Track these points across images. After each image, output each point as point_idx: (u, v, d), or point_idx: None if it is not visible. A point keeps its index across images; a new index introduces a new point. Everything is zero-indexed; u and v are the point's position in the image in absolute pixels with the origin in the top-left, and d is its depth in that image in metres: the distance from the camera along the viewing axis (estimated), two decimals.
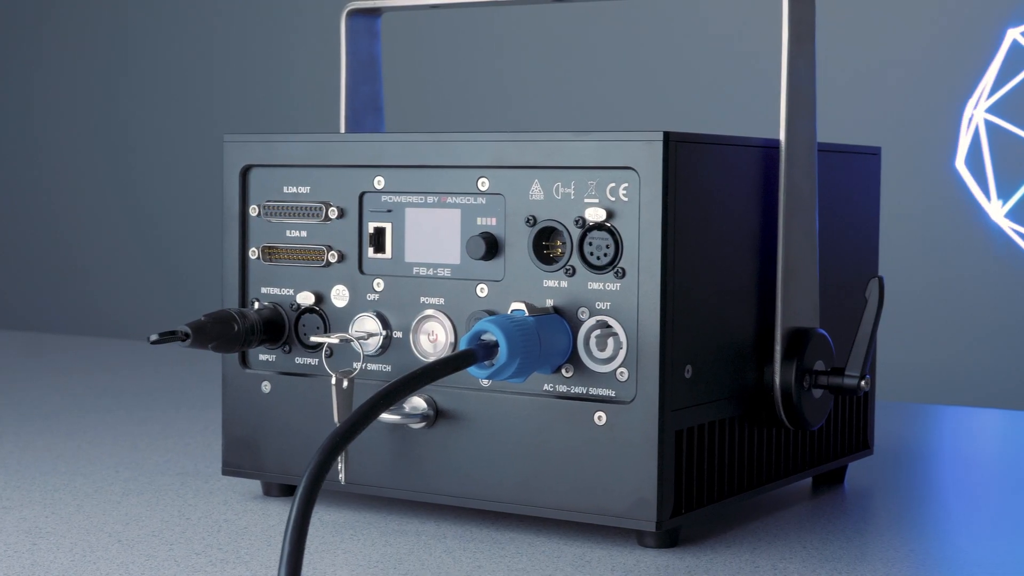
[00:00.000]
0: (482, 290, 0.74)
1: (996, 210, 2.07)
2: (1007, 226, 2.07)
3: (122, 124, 2.70)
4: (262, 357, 0.80)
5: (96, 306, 2.71)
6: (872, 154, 0.87)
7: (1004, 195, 2.06)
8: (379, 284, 0.77)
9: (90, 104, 2.72)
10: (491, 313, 0.74)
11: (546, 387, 0.72)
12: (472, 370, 0.69)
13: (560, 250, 0.72)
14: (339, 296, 0.78)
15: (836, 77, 2.11)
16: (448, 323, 0.75)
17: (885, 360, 2.01)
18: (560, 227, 0.72)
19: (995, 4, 2.08)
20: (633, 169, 0.70)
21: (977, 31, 2.09)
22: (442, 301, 0.75)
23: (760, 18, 2.18)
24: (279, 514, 0.78)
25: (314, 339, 0.77)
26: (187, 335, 0.75)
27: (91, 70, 2.71)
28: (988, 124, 2.05)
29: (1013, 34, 2.06)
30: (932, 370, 2.13)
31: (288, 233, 0.79)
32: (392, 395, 0.65)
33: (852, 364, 0.77)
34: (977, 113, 2.03)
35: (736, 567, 0.68)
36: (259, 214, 0.80)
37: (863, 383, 0.76)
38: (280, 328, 0.79)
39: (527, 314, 0.71)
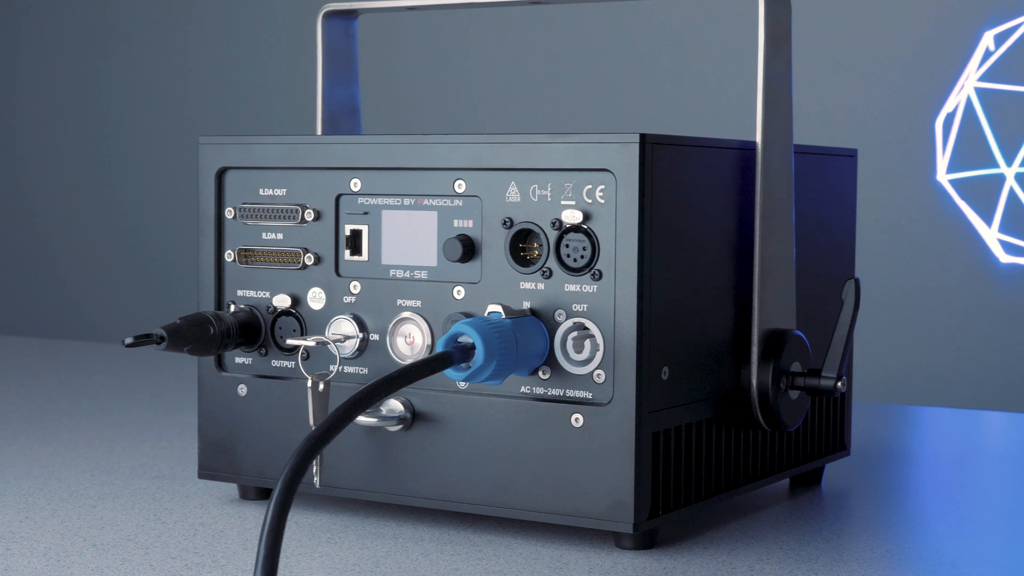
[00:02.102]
0: (459, 292, 0.74)
1: (970, 210, 2.07)
2: (981, 226, 2.07)
3: (98, 126, 2.69)
4: (238, 360, 0.80)
5: (71, 309, 2.70)
6: (848, 156, 0.87)
7: (980, 203, 2.07)
8: (356, 286, 0.77)
9: (66, 106, 2.71)
10: (468, 315, 0.74)
11: (523, 389, 0.72)
12: (449, 372, 0.69)
13: (537, 252, 0.72)
14: (315, 299, 0.78)
15: (813, 79, 2.12)
16: (425, 325, 0.75)
17: (861, 361, 2.01)
18: (537, 229, 0.72)
19: (971, 6, 2.09)
20: (609, 171, 0.70)
21: (953, 33, 2.10)
22: (419, 303, 0.75)
23: (737, 20, 2.18)
24: (255, 517, 0.77)
25: (290, 342, 0.77)
26: (162, 338, 0.74)
27: (68, 72, 2.71)
28: (969, 105, 2.05)
29: (987, 40, 2.07)
30: (909, 371, 2.14)
31: (264, 235, 0.79)
32: (368, 398, 0.65)
33: (828, 365, 0.77)
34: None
35: (713, 568, 0.68)
36: (235, 216, 0.80)
37: (839, 384, 0.76)
38: (256, 331, 0.79)
39: (504, 316, 0.71)
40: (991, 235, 2.08)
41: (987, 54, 2.06)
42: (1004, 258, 2.07)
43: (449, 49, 2.44)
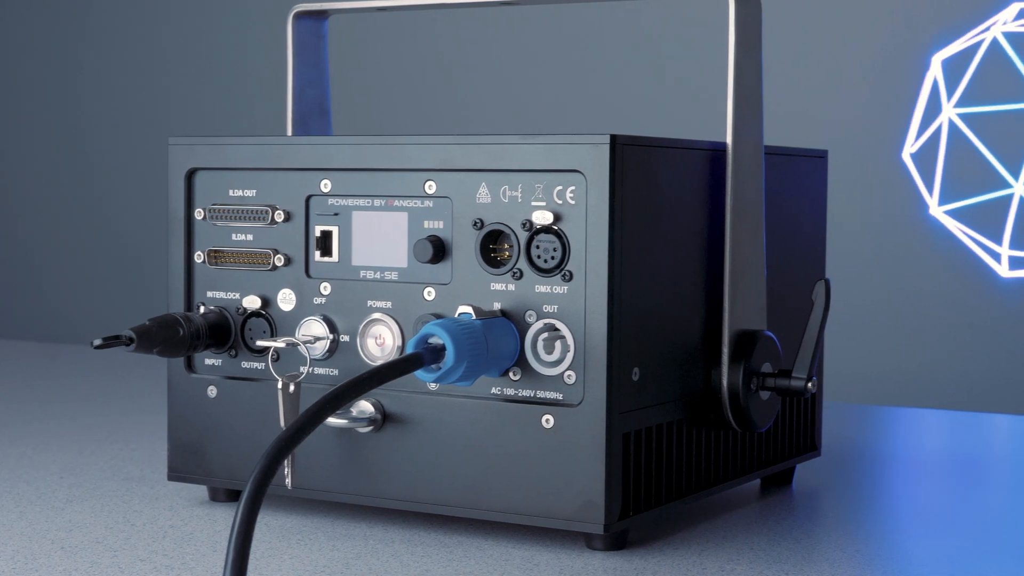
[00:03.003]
0: (429, 293, 0.74)
1: (941, 212, 2.08)
2: (953, 226, 2.08)
3: (69, 127, 2.68)
4: (208, 361, 0.80)
5: (40, 310, 2.69)
6: (819, 157, 0.87)
7: (948, 197, 2.07)
8: (326, 288, 0.77)
9: (37, 106, 2.70)
10: (438, 316, 0.73)
11: (494, 390, 0.72)
12: (419, 373, 0.69)
13: (507, 253, 0.72)
14: (286, 300, 0.78)
15: (783, 80, 2.12)
16: (395, 327, 0.75)
17: (832, 362, 2.02)
18: (507, 230, 0.72)
19: (949, 6, 2.10)
20: (580, 172, 0.70)
21: (929, 33, 2.10)
22: (389, 305, 0.75)
23: (707, 21, 2.19)
24: (225, 519, 0.77)
25: (260, 343, 0.76)
26: (131, 339, 0.74)
27: (40, 72, 2.69)
28: (952, 126, 2.06)
29: (940, 57, 2.08)
30: (879, 372, 2.15)
31: (234, 237, 0.79)
32: (339, 399, 0.64)
33: (799, 366, 0.77)
34: (946, 111, 2.04)
35: (684, 569, 0.68)
36: (205, 217, 0.80)
37: (810, 385, 0.77)
38: (226, 332, 0.79)
39: (474, 317, 0.70)
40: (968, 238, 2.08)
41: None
42: (1006, 273, 2.07)
43: (420, 50, 2.44)
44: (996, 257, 2.08)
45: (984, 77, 2.06)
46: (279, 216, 0.77)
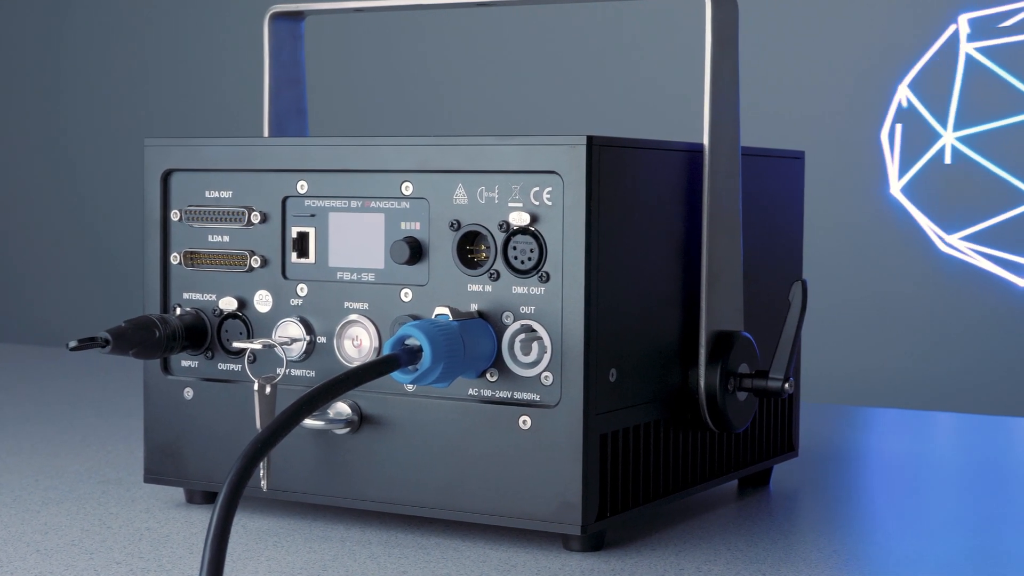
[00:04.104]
0: (406, 295, 0.74)
1: (914, 211, 2.09)
2: (928, 227, 2.09)
3: (44, 127, 2.67)
4: (184, 363, 0.79)
5: (16, 312, 2.68)
6: (796, 158, 0.87)
7: (917, 193, 2.08)
8: (303, 289, 0.76)
9: (13, 106, 2.69)
10: (415, 318, 0.73)
11: (471, 392, 0.72)
12: (396, 375, 0.69)
13: (484, 254, 0.72)
14: (262, 301, 0.77)
15: (760, 81, 2.13)
16: (372, 328, 0.74)
17: (809, 362, 2.02)
18: (484, 231, 0.72)
19: (926, 7, 2.10)
20: (557, 173, 0.70)
21: (903, 37, 2.11)
22: (366, 306, 0.75)
23: (684, 22, 2.19)
24: (202, 522, 0.77)
25: (237, 345, 0.76)
26: (107, 341, 0.74)
27: (17, 73, 2.69)
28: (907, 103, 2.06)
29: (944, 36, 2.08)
30: (856, 372, 2.15)
31: (210, 238, 0.79)
32: (315, 400, 0.64)
33: (776, 367, 0.77)
34: (901, 90, 2.05)
35: (661, 570, 0.68)
36: (181, 219, 0.79)
37: (787, 385, 0.77)
38: (202, 334, 0.78)
39: (451, 319, 0.70)
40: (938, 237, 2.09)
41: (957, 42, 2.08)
42: (943, 248, 2.08)
43: (397, 51, 2.44)
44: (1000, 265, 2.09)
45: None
46: (255, 217, 0.77)
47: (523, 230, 0.71)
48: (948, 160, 2.03)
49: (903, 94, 2.05)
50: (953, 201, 2.07)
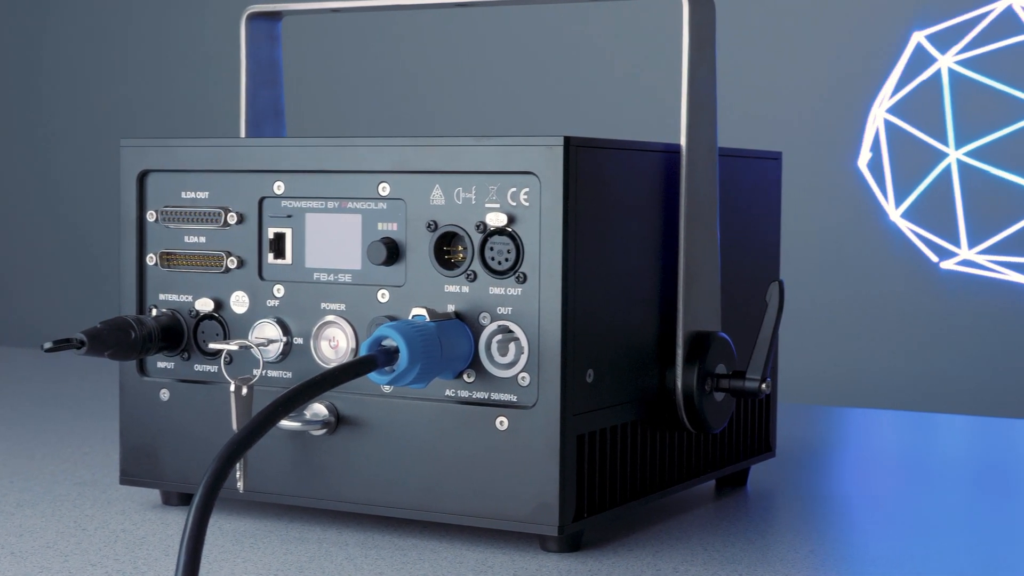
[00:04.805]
0: (383, 296, 0.74)
1: (894, 212, 2.09)
2: (905, 227, 2.09)
3: (20, 128, 2.66)
4: (160, 364, 0.79)
5: None
6: (773, 159, 0.87)
7: (902, 197, 2.09)
8: (279, 290, 0.76)
9: None
10: (392, 319, 0.73)
11: (448, 392, 0.72)
12: (373, 376, 0.69)
13: (461, 255, 0.72)
14: (239, 302, 0.77)
15: (737, 82, 2.13)
16: (349, 329, 0.74)
17: (786, 363, 2.03)
18: (461, 232, 0.72)
19: (897, 9, 2.11)
20: (534, 174, 0.70)
21: (879, 36, 2.12)
22: (343, 307, 0.75)
23: (661, 23, 2.19)
24: (178, 523, 0.77)
25: (213, 346, 0.76)
26: (82, 343, 0.73)
27: None
28: (888, 124, 2.07)
29: (918, 36, 2.09)
30: (834, 373, 2.16)
31: (186, 239, 0.79)
32: (291, 402, 0.64)
33: (753, 367, 0.77)
34: (879, 113, 2.06)
35: (638, 570, 0.68)
36: (157, 220, 0.79)
37: (764, 386, 0.77)
38: (179, 335, 0.78)
39: (428, 319, 0.70)
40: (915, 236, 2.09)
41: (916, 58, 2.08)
42: (899, 237, 2.07)
43: (374, 52, 2.43)
44: (949, 256, 2.09)
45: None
46: (232, 218, 0.77)
47: (500, 231, 0.71)
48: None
49: (879, 117, 2.05)
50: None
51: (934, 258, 2.07)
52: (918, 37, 2.07)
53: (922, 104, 2.07)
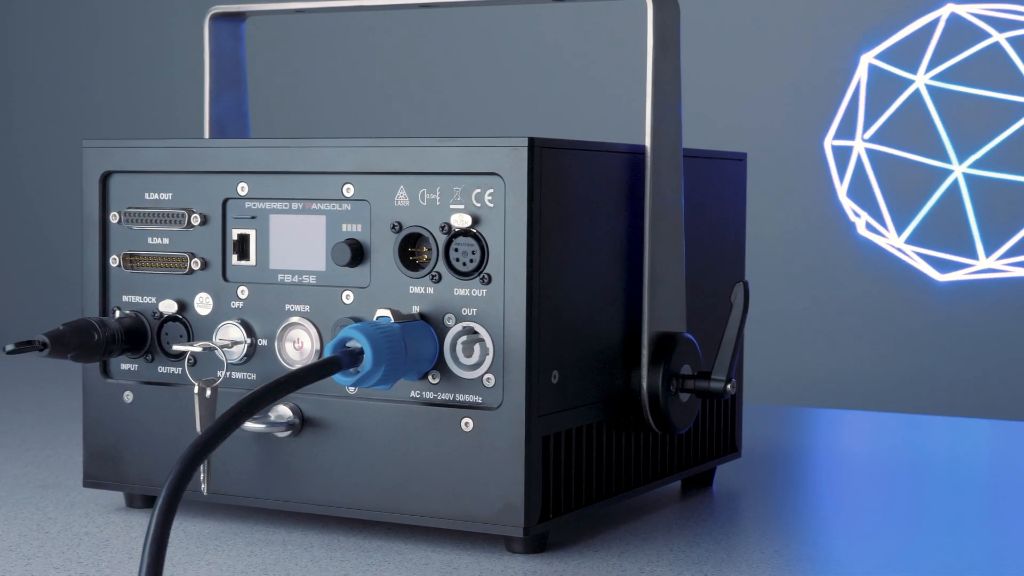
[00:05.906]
0: (348, 297, 0.73)
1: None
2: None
3: None
4: (124, 366, 0.79)
5: None
6: (738, 160, 0.87)
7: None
8: (243, 291, 0.76)
9: None
10: (357, 320, 0.73)
11: (413, 394, 0.72)
12: (337, 377, 0.68)
13: (426, 256, 0.72)
14: (203, 304, 0.77)
15: (702, 83, 2.13)
16: (314, 330, 0.74)
17: (752, 363, 2.03)
18: (426, 233, 0.72)
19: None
20: (498, 175, 0.70)
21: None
22: (307, 308, 0.74)
23: (626, 24, 2.20)
24: (142, 526, 0.76)
25: (177, 348, 0.76)
26: (45, 344, 0.73)
27: None
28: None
29: (867, 59, 2.10)
30: (798, 373, 2.16)
31: (150, 240, 0.78)
32: (255, 403, 0.64)
33: (718, 368, 0.77)
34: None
35: (604, 571, 0.68)
36: (120, 221, 0.79)
37: (729, 386, 0.77)
38: (142, 337, 0.78)
39: (393, 321, 0.70)
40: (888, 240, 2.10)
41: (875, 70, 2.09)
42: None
43: (338, 52, 2.43)
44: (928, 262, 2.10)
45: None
46: (195, 219, 0.77)
47: (465, 232, 0.71)
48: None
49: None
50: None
51: (936, 275, 2.07)
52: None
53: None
